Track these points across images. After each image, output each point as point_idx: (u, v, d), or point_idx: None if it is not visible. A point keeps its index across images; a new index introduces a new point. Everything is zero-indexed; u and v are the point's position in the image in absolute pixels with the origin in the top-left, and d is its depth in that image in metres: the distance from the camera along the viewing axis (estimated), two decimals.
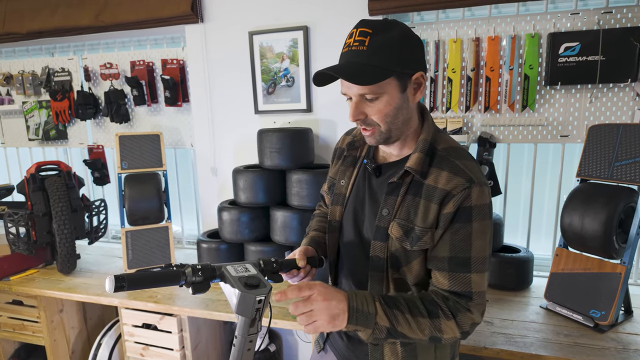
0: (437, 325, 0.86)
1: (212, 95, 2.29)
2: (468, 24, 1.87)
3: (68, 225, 2.03)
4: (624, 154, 1.53)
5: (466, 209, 0.86)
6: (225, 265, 0.88)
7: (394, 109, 0.87)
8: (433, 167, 0.90)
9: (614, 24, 1.71)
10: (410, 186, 0.92)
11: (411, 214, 0.91)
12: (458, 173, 0.87)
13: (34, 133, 2.70)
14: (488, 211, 0.88)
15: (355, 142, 1.08)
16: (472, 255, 0.87)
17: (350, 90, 0.87)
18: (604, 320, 1.47)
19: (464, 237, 0.87)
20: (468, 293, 0.88)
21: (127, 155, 2.15)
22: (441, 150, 0.92)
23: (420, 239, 0.90)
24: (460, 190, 0.85)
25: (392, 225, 0.93)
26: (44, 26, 2.36)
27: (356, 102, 0.88)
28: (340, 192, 1.08)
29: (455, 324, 0.87)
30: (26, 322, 2.17)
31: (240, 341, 0.84)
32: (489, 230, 0.89)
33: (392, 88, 0.86)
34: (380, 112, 0.87)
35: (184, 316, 1.85)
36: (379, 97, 0.86)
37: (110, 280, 0.76)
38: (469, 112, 1.93)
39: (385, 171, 0.98)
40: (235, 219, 1.99)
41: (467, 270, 0.88)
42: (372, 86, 0.84)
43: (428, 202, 0.89)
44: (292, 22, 2.07)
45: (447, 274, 0.89)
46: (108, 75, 2.46)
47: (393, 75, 0.84)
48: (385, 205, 0.94)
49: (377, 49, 0.82)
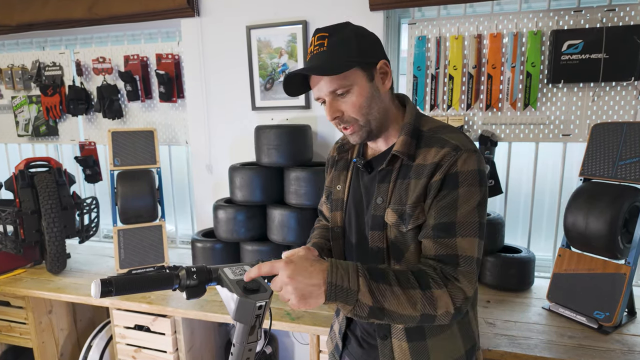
0: (429, 296, 0.79)
1: (208, 90, 2.24)
2: (470, 21, 1.85)
3: (58, 223, 1.97)
4: (628, 153, 1.51)
5: (452, 175, 0.84)
6: (222, 268, 0.82)
7: (366, 99, 0.89)
8: (421, 148, 0.90)
9: (617, 22, 1.70)
10: (400, 170, 0.92)
11: (402, 196, 0.91)
12: (445, 145, 0.87)
13: (24, 129, 2.62)
14: (478, 177, 0.85)
15: (344, 145, 1.09)
16: (457, 220, 0.83)
17: (321, 90, 0.89)
18: (608, 321, 1.45)
19: (449, 202, 0.84)
20: (454, 257, 0.83)
21: (120, 151, 2.09)
22: (427, 131, 0.92)
23: (411, 216, 0.89)
24: (448, 159, 0.85)
25: (387, 212, 0.92)
26: (35, 18, 2.29)
27: (330, 101, 0.90)
28: (338, 197, 1.07)
29: (448, 295, 0.80)
30: (13, 324, 2.10)
31: (238, 350, 0.78)
32: (478, 196, 0.85)
33: (359, 79, 0.88)
34: (354, 105, 0.89)
35: (177, 317, 1.80)
36: (349, 90, 0.88)
37: (96, 284, 0.70)
38: (470, 110, 1.91)
39: (376, 165, 0.98)
40: (231, 217, 1.94)
41: (452, 234, 0.83)
42: (340, 79, 0.86)
43: (418, 179, 0.89)
44: (291, 16, 2.03)
45: (432, 240, 0.85)
46: (101, 70, 2.40)
47: (356, 65, 0.86)
48: (379, 193, 0.94)
49: (336, 46, 0.86)
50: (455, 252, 0.83)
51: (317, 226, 1.24)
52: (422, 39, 1.90)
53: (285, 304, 1.73)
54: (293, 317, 1.63)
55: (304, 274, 0.75)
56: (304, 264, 0.77)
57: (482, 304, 1.69)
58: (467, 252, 0.83)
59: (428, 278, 0.81)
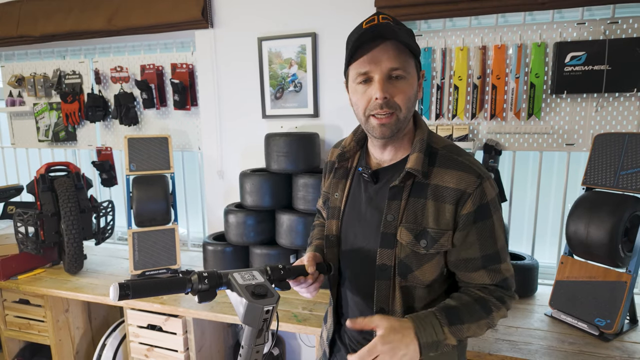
0: (492, 319, 0.91)
1: (220, 99, 2.32)
2: (475, 32, 1.89)
3: (76, 225, 2.06)
4: (629, 163, 1.54)
5: (485, 206, 0.88)
6: (232, 272, 0.86)
7: (413, 93, 0.88)
8: (436, 166, 0.90)
9: (620, 34, 1.73)
10: (413, 188, 0.91)
11: (418, 216, 0.90)
12: (466, 170, 0.88)
13: (44, 134, 2.73)
14: (499, 200, 0.93)
15: (345, 154, 1.04)
16: (499, 247, 0.92)
17: (379, 65, 0.84)
18: (609, 328, 1.47)
19: (489, 233, 0.90)
20: (504, 280, 0.93)
21: (136, 157, 2.18)
22: (441, 149, 0.92)
23: (436, 241, 0.89)
24: (475, 188, 0.87)
25: (400, 231, 0.91)
26: (58, 29, 2.41)
27: (382, 79, 0.84)
28: (335, 205, 1.05)
29: (505, 310, 0.93)
30: (32, 322, 2.19)
31: (246, 352, 0.82)
32: (502, 219, 0.94)
33: (414, 72, 0.87)
34: (404, 94, 0.86)
35: (189, 318, 1.86)
36: (405, 76, 0.85)
37: (114, 288, 0.75)
38: (475, 120, 1.95)
39: (383, 176, 0.96)
40: (242, 221, 2.00)
41: (498, 261, 0.92)
42: (404, 62, 0.84)
43: (440, 202, 0.89)
44: (301, 28, 2.10)
45: (484, 271, 0.92)
46: (118, 79, 2.50)
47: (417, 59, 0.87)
48: (390, 210, 0.92)
49: (402, 28, 0.86)
50: (505, 276, 0.93)
51: (316, 223, 1.24)
52: (428, 50, 1.95)
53: (292, 307, 1.78)
54: (300, 319, 1.68)
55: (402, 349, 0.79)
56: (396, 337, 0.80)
57: None
58: (510, 271, 0.95)
59: (490, 305, 0.91)
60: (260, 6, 2.16)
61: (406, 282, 0.93)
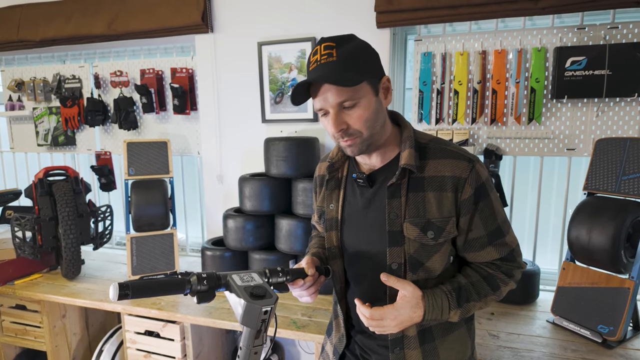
0: (499, 294, 0.97)
1: (220, 103, 2.32)
2: (475, 37, 1.89)
3: (74, 230, 2.04)
4: (631, 168, 1.53)
5: (481, 187, 0.93)
6: (230, 274, 0.86)
7: (372, 113, 0.90)
8: (427, 159, 0.94)
9: (620, 39, 1.73)
10: (410, 183, 0.94)
11: (420, 209, 0.93)
12: (457, 157, 0.93)
13: (43, 138, 2.73)
14: (490, 178, 0.98)
15: (334, 164, 1.06)
16: (500, 222, 0.96)
17: (327, 102, 0.88)
18: (612, 335, 1.45)
19: (490, 211, 0.95)
20: (510, 252, 0.98)
21: (135, 161, 2.17)
22: (428, 142, 0.97)
23: (443, 229, 0.93)
24: (469, 172, 0.92)
25: (406, 226, 0.93)
26: (58, 34, 2.41)
27: (335, 113, 0.88)
28: (331, 216, 1.06)
29: (512, 282, 0.99)
30: (28, 327, 2.17)
31: (245, 353, 0.82)
32: (497, 194, 0.98)
33: (366, 92, 0.88)
34: (360, 118, 0.88)
35: (186, 324, 1.84)
36: (357, 102, 0.88)
37: (114, 287, 0.75)
38: (475, 124, 1.94)
39: (378, 178, 0.98)
40: (241, 226, 1.99)
41: (502, 235, 0.97)
42: (350, 92, 0.86)
43: (439, 192, 0.92)
44: (301, 33, 2.10)
45: (491, 247, 0.96)
46: (118, 83, 2.50)
47: (367, 79, 0.88)
48: (392, 208, 0.94)
49: (346, 57, 0.86)
50: (510, 248, 0.98)
51: (314, 235, 1.25)
52: (427, 55, 1.95)
53: (291, 313, 1.77)
54: (299, 325, 1.66)
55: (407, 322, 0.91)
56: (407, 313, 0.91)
57: (486, 316, 1.71)
58: (515, 242, 1.00)
59: (497, 280, 0.97)
60: (261, 11, 2.16)
61: (417, 276, 0.95)
